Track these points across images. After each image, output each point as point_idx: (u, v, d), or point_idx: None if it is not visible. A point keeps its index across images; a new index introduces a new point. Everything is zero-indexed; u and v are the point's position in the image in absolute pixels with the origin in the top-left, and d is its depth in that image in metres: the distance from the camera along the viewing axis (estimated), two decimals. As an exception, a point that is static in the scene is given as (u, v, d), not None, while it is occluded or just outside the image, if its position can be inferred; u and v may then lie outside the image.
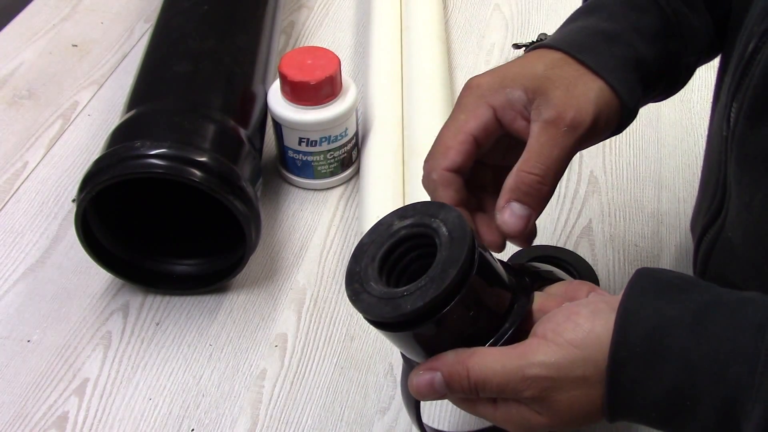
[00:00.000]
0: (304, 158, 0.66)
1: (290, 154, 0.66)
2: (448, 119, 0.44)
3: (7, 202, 0.68)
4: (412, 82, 0.73)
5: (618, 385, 0.36)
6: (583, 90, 0.42)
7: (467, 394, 0.39)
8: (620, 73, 0.43)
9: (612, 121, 0.44)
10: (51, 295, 0.61)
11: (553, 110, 0.41)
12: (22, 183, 0.70)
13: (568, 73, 0.43)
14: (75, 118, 0.76)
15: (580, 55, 0.43)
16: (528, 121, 0.42)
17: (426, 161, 0.44)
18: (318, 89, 0.62)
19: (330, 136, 0.64)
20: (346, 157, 0.67)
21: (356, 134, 0.67)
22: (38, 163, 0.71)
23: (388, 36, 0.79)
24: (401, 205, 0.63)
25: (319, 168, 0.66)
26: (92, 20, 0.89)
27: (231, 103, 0.62)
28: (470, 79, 0.44)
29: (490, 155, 0.45)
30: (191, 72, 0.62)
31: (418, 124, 0.68)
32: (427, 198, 0.45)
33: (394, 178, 0.64)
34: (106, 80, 0.80)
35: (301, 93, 0.62)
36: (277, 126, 0.65)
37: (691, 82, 0.51)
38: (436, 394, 0.39)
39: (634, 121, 0.73)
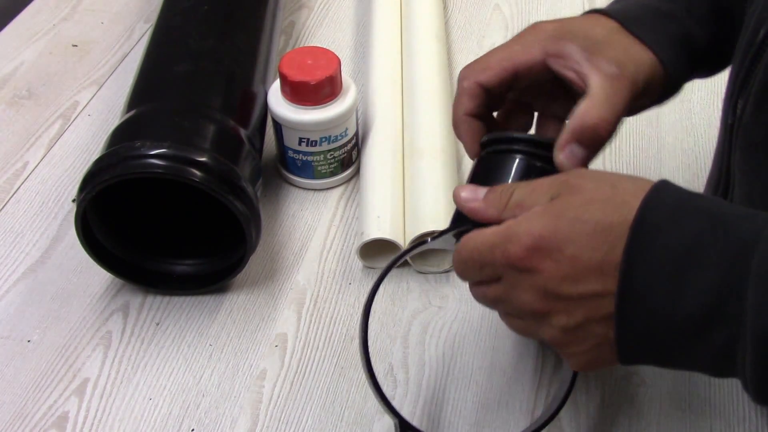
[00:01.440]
0: (304, 158, 0.66)
1: (290, 154, 0.66)
2: (503, 45, 0.48)
3: (7, 202, 0.68)
4: (412, 82, 0.73)
5: (642, 228, 0.37)
6: (638, 55, 0.46)
7: (500, 199, 0.42)
8: (671, 49, 0.47)
9: (657, 90, 0.47)
10: (51, 295, 0.61)
11: (615, 66, 0.44)
12: (22, 183, 0.70)
13: (624, 40, 0.46)
14: (75, 118, 0.76)
15: (636, 28, 0.47)
16: (575, 72, 0.45)
17: (465, 68, 0.48)
18: (318, 89, 0.62)
19: (330, 136, 0.64)
20: (346, 157, 0.67)
21: (356, 134, 0.67)
22: (38, 163, 0.71)
23: (388, 36, 0.79)
24: (401, 205, 0.63)
25: (319, 168, 0.66)
26: (92, 20, 0.89)
27: (231, 103, 0.62)
28: (537, 22, 0.48)
29: (529, 94, 0.51)
30: (191, 72, 0.62)
31: (418, 124, 0.68)
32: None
33: (394, 178, 0.65)
34: (106, 80, 0.80)
35: (301, 93, 0.62)
36: (277, 126, 0.65)
37: (691, 83, 0.50)
38: (470, 200, 0.43)
39: (635, 121, 0.74)
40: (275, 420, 0.52)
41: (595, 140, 0.44)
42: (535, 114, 0.53)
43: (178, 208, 0.62)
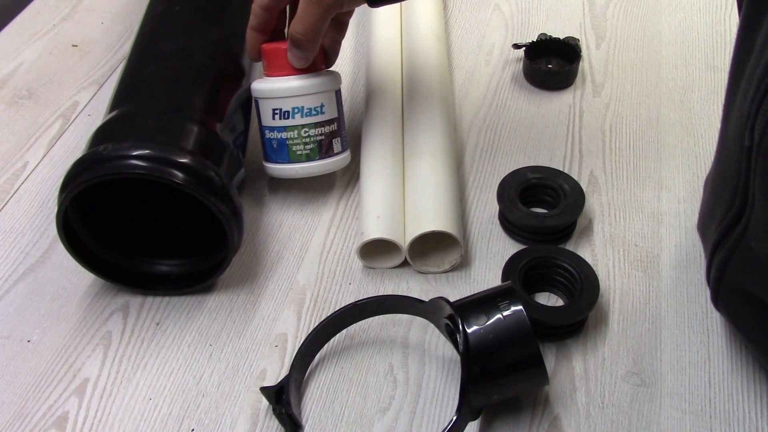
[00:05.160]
0: (279, 136, 0.64)
1: (267, 135, 0.64)
2: None
3: (7, 202, 0.68)
4: (412, 82, 0.73)
5: None
6: None
7: None
8: None
9: None
10: (51, 295, 0.61)
11: None
12: (22, 183, 0.70)
13: None
14: (75, 118, 0.76)
15: None
16: None
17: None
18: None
19: (303, 108, 0.63)
20: (324, 141, 0.65)
21: (338, 121, 0.65)
22: (38, 163, 0.71)
23: (388, 36, 0.79)
24: (401, 205, 0.63)
25: (294, 148, 0.64)
26: (92, 20, 0.89)
27: (213, 104, 0.61)
28: None
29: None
30: (173, 73, 0.61)
31: (418, 124, 0.68)
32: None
33: (394, 178, 0.65)
34: (106, 80, 0.80)
35: (274, 60, 0.62)
36: (257, 107, 0.64)
37: (691, 81, 0.51)
38: None
39: (634, 121, 0.74)
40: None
41: (303, 47, 0.59)
42: None
43: (162, 208, 0.62)
